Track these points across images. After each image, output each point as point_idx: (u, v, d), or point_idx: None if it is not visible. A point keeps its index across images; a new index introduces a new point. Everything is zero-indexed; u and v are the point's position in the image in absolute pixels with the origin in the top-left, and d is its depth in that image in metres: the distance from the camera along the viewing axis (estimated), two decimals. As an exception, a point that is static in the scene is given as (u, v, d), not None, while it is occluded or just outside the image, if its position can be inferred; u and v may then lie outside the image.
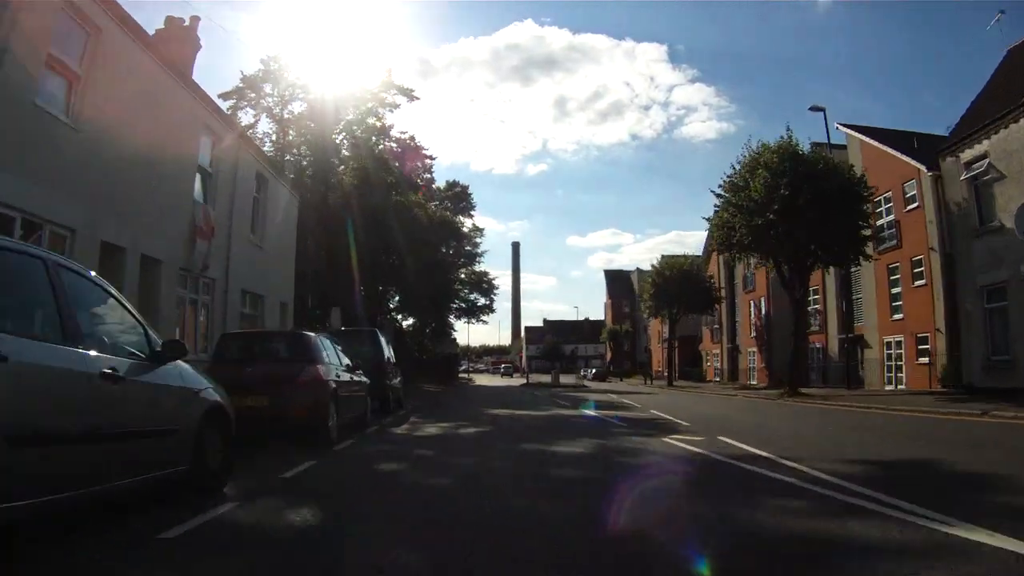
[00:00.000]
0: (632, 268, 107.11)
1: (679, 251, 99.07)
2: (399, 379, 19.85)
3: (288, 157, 36.84)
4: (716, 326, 55.98)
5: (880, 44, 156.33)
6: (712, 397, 31.08)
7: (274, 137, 36.97)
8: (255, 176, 21.50)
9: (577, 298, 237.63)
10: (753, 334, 47.34)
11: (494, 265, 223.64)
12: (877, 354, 34.27)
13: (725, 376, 53.27)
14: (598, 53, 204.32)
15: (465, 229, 62.95)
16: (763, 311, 46.01)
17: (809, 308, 41.88)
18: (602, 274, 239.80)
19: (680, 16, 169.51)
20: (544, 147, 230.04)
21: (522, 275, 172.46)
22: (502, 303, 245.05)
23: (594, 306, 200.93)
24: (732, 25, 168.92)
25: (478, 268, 64.51)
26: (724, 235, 28.72)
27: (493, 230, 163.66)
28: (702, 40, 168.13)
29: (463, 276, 64.99)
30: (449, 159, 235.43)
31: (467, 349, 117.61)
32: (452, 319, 65.18)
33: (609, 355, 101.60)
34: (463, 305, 64.40)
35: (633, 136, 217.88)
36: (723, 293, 50.17)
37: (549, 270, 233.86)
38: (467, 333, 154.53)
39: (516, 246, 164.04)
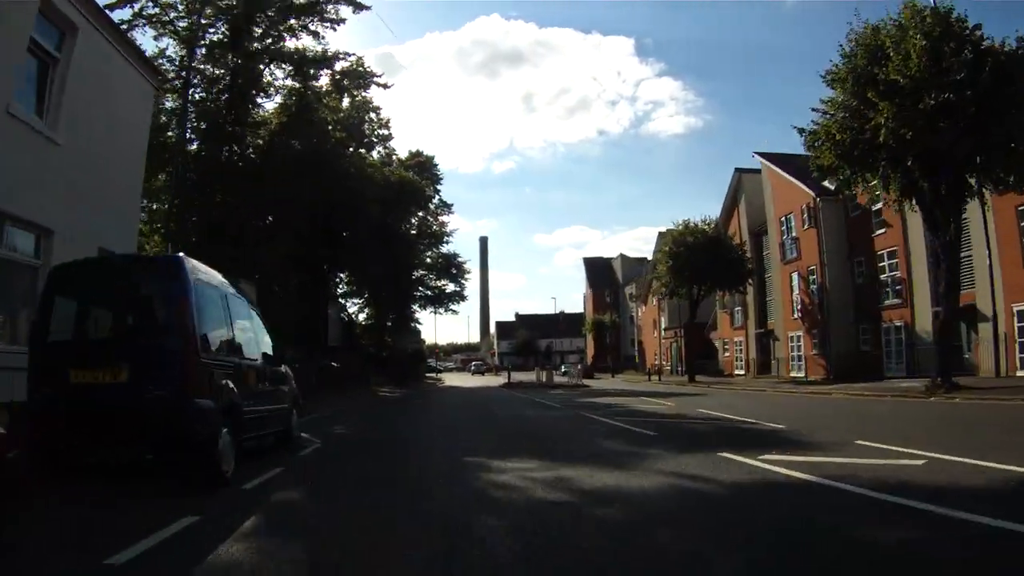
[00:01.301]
0: (614, 255, 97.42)
1: (647, 250, 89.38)
2: (287, 390, 9.92)
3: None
4: (738, 308, 46.22)
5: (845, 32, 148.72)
6: (800, 399, 21.09)
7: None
8: (38, 14, 10.95)
9: (546, 295, 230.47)
10: (796, 315, 37.56)
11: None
12: (1004, 328, 24.82)
13: (752, 368, 43.52)
14: (565, 47, 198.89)
15: (431, 206, 52.81)
16: (814, 284, 36.24)
17: (883, 277, 32.36)
18: (572, 270, 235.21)
19: (648, 9, 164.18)
20: (511, 144, 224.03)
21: (490, 273, 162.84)
22: (470, 300, 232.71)
23: (564, 302, 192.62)
24: (700, 18, 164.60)
25: (446, 250, 54.15)
26: (835, 145, 18.99)
27: (461, 230, 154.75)
28: (670, 33, 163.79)
29: (428, 259, 54.51)
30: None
31: (435, 347, 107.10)
32: (416, 308, 54.59)
33: (591, 350, 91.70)
34: (429, 293, 53.83)
35: (600, 132, 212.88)
36: (751, 265, 40.26)
37: (517, 268, 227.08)
38: (434, 328, 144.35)
39: (484, 241, 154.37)
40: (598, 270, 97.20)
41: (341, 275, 39.86)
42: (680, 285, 38.60)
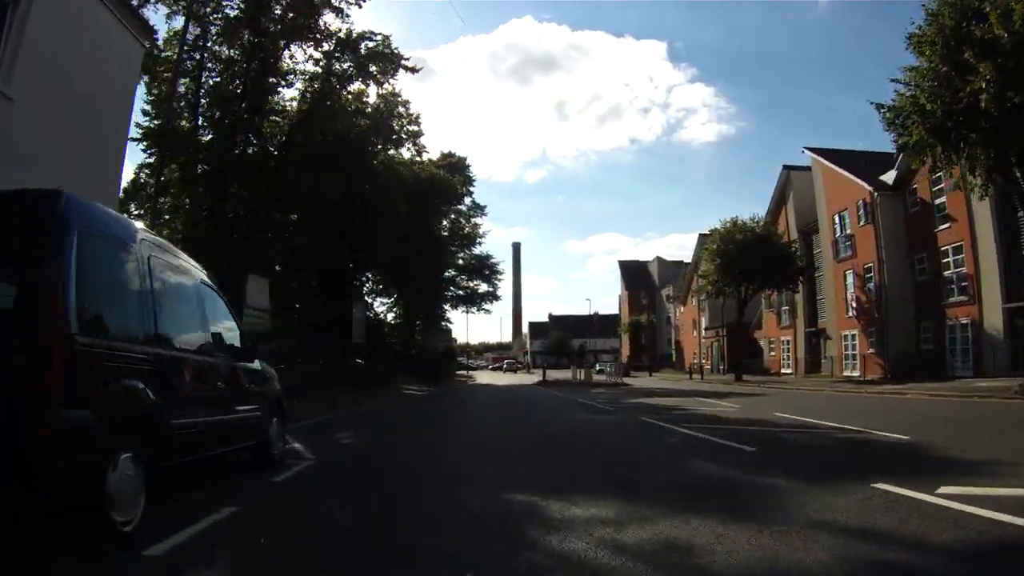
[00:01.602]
0: (650, 258, 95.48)
1: (680, 255, 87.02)
2: (260, 393, 7.69)
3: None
4: (786, 308, 44.24)
5: (881, 42, 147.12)
6: (875, 399, 19.22)
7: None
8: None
9: (577, 299, 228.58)
10: (851, 313, 35.55)
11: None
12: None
13: (800, 367, 41.50)
14: (597, 51, 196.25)
15: (463, 207, 51.58)
16: (871, 282, 34.25)
17: (947, 273, 30.34)
18: (604, 275, 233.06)
19: (680, 13, 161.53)
20: (543, 153, 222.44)
21: (523, 277, 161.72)
22: (503, 301, 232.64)
23: (597, 305, 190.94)
24: (732, 23, 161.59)
25: (478, 251, 52.87)
26: (924, 118, 17.34)
27: (493, 236, 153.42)
28: (702, 38, 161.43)
29: (461, 260, 53.30)
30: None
31: (466, 346, 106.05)
32: (447, 308, 53.45)
33: (626, 349, 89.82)
34: (460, 292, 52.60)
35: (632, 140, 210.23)
36: (802, 263, 38.32)
37: (550, 273, 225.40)
38: (466, 327, 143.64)
39: (517, 247, 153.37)
40: (634, 272, 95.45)
41: (368, 274, 38.70)
42: (728, 284, 36.82)
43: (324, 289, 33.96)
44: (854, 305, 35.15)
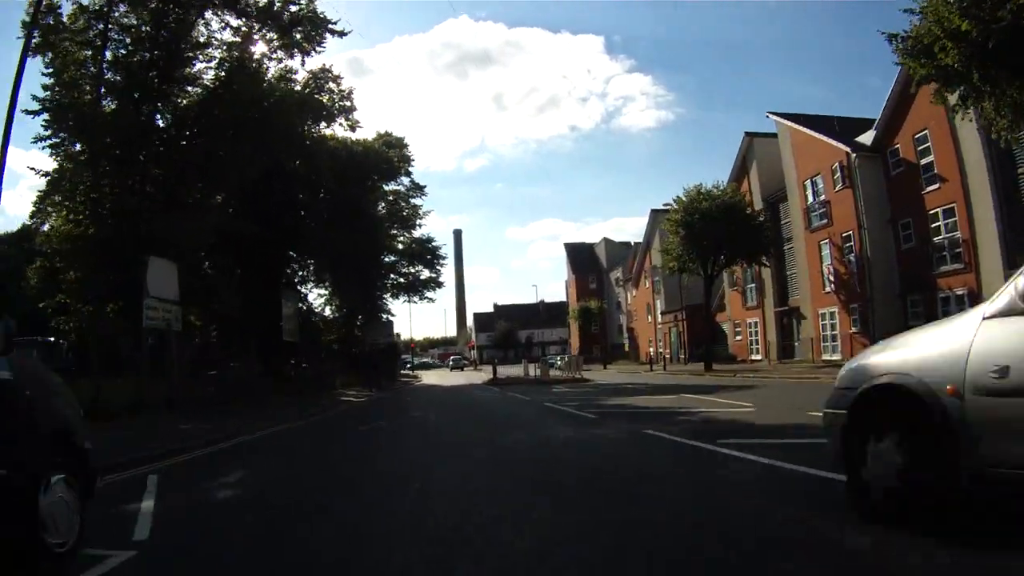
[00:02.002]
0: (596, 240, 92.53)
1: (624, 239, 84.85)
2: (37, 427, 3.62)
3: None
4: (751, 285, 41.27)
5: (819, 27, 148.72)
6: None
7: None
8: None
9: (521, 288, 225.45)
10: (829, 289, 32.65)
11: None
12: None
13: (772, 352, 38.58)
14: (534, 47, 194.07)
15: (402, 188, 47.23)
16: (851, 252, 31.36)
17: (937, 239, 27.64)
18: (547, 262, 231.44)
19: (617, 7, 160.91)
20: (483, 142, 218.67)
21: (465, 268, 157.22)
22: (447, 290, 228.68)
23: (542, 293, 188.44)
24: (668, 13, 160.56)
25: (419, 234, 48.51)
26: (956, 40, 13.97)
27: (434, 225, 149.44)
28: (639, 30, 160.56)
29: (401, 244, 48.85)
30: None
31: (410, 342, 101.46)
32: (388, 298, 48.88)
33: (576, 339, 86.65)
34: (401, 280, 48.16)
35: (571, 128, 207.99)
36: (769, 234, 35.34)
37: (492, 262, 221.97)
38: (410, 321, 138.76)
39: (458, 234, 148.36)
40: (580, 255, 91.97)
41: (299, 260, 34.09)
42: (692, 260, 33.49)
43: (250, 278, 29.40)
44: (832, 279, 32.24)
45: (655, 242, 55.91)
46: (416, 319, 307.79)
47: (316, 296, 43.33)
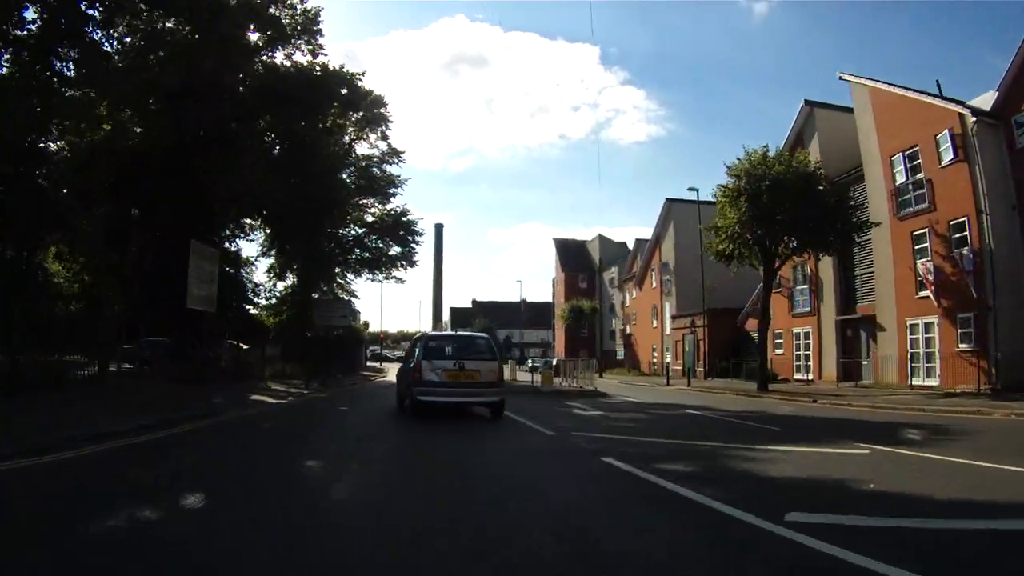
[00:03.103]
0: (590, 237, 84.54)
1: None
2: None
3: None
4: (801, 287, 33.39)
5: (813, 51, 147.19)
6: None
7: None
8: None
9: (501, 290, 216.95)
10: (926, 292, 24.80)
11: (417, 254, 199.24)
12: None
13: (825, 370, 30.80)
14: (529, 52, 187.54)
15: (376, 151, 39.37)
16: (964, 246, 23.53)
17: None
18: (530, 267, 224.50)
19: (614, 18, 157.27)
20: (471, 144, 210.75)
21: (444, 265, 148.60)
22: (423, 286, 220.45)
23: (525, 296, 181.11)
24: (666, 29, 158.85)
25: (394, 206, 40.45)
26: None
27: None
28: (635, 43, 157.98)
29: (371, 216, 40.56)
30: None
31: (381, 334, 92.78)
32: (351, 277, 40.55)
33: (561, 343, 78.58)
34: (367, 255, 39.84)
35: (561, 136, 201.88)
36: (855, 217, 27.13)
37: (472, 261, 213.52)
38: (380, 309, 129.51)
39: (440, 228, 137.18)
40: (571, 252, 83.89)
41: (228, 207, 25.55)
42: (749, 245, 25.48)
43: (159, 227, 21.13)
44: (930, 279, 24.36)
45: (669, 234, 48.00)
46: (391, 312, 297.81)
47: (262, 263, 34.89)
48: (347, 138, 37.98)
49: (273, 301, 37.98)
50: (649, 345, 51.36)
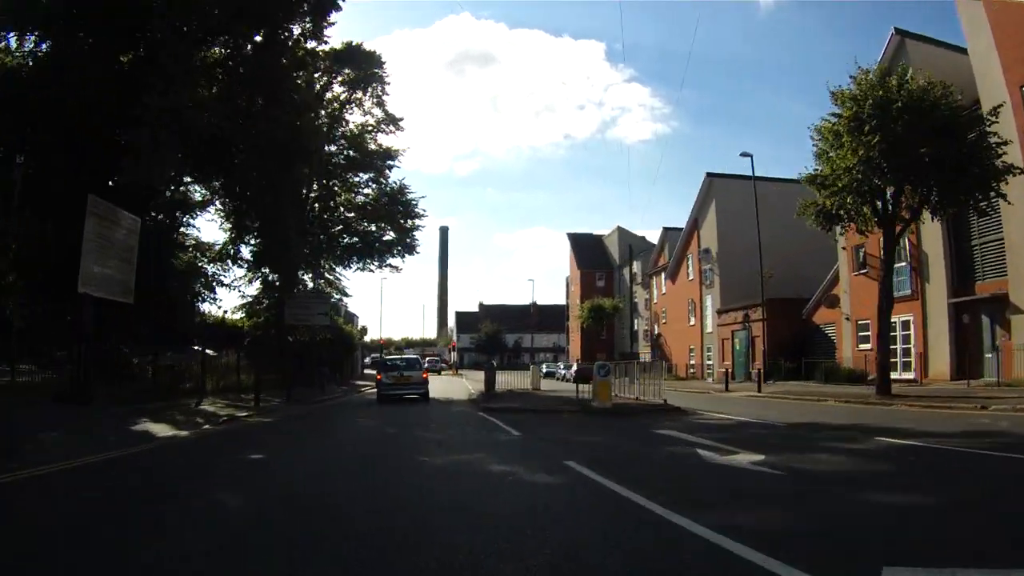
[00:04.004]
0: (609, 230, 78.10)
1: None
2: None
3: None
4: (899, 265, 26.71)
5: (821, 47, 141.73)
6: None
7: None
8: None
9: (507, 296, 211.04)
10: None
11: (422, 257, 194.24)
12: None
13: (931, 367, 24.25)
14: (535, 49, 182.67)
15: (370, 118, 33.59)
16: None
17: None
18: (537, 272, 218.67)
19: (620, 14, 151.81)
20: (476, 146, 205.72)
21: (449, 270, 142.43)
22: (428, 291, 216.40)
23: (527, 297, 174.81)
24: (672, 26, 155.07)
25: (391, 182, 34.18)
26: None
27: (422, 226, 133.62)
28: (641, 39, 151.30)
29: (363, 197, 34.26)
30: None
31: (385, 342, 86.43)
32: (338, 269, 34.11)
33: (576, 346, 72.01)
34: (355, 241, 33.45)
35: (566, 136, 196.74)
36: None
37: (477, 265, 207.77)
38: (380, 312, 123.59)
39: (445, 231, 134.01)
40: (586, 247, 77.18)
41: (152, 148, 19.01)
42: (864, 196, 18.81)
43: (57, 183, 14.95)
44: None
45: (709, 216, 41.41)
46: (392, 317, 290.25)
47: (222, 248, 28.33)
48: (329, 95, 31.80)
49: (248, 300, 31.55)
50: (685, 345, 44.64)
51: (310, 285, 31.85)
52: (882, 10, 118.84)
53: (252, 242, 25.26)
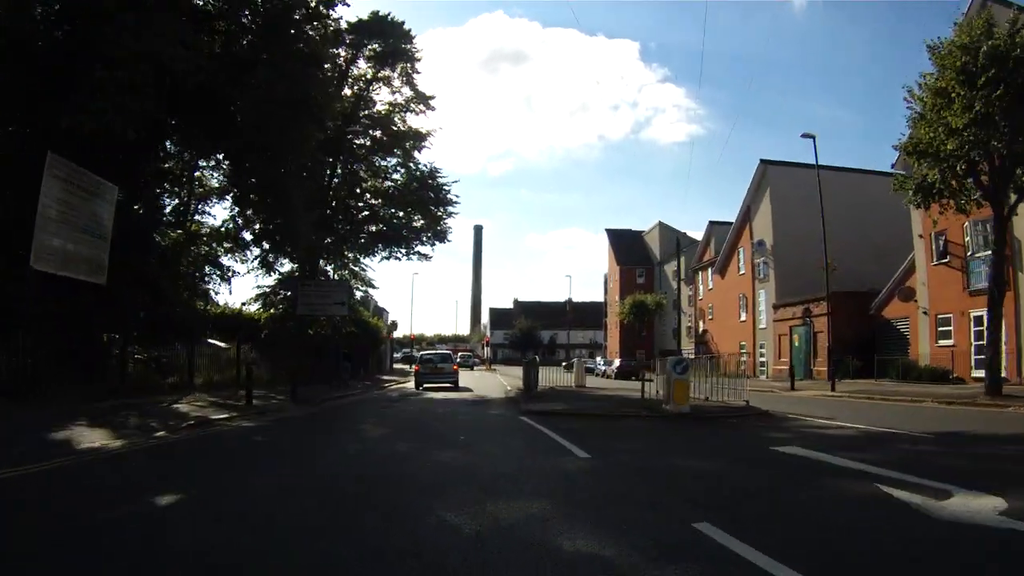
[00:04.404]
0: (649, 226, 75.10)
1: None
2: None
3: None
4: (983, 253, 23.57)
5: (857, 48, 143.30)
6: None
7: None
8: None
9: (541, 292, 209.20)
10: None
11: (455, 255, 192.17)
12: None
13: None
14: (569, 49, 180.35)
15: (399, 98, 31.38)
16: None
17: None
18: (575, 271, 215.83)
19: (654, 13, 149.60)
20: (510, 147, 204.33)
21: (483, 268, 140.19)
22: (463, 289, 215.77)
23: (561, 295, 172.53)
24: (706, 25, 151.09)
25: (420, 164, 31.74)
26: None
27: (455, 227, 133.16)
28: (675, 38, 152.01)
29: (391, 183, 31.91)
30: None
31: (417, 339, 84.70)
32: (362, 258, 31.85)
33: (615, 343, 69.15)
34: (382, 228, 31.14)
35: (600, 137, 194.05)
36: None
37: (509, 267, 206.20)
38: (411, 310, 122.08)
39: (479, 230, 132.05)
40: (625, 243, 74.12)
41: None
42: (973, 167, 15.91)
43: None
44: None
45: (763, 206, 38.37)
46: (424, 313, 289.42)
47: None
48: (356, 72, 29.62)
49: (265, 290, 29.49)
50: (735, 342, 41.55)
51: (334, 277, 29.73)
52: (908, 7, 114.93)
53: (257, 221, 22.90)
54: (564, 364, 37.55)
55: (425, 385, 25.95)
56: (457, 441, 9.62)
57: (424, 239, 30.60)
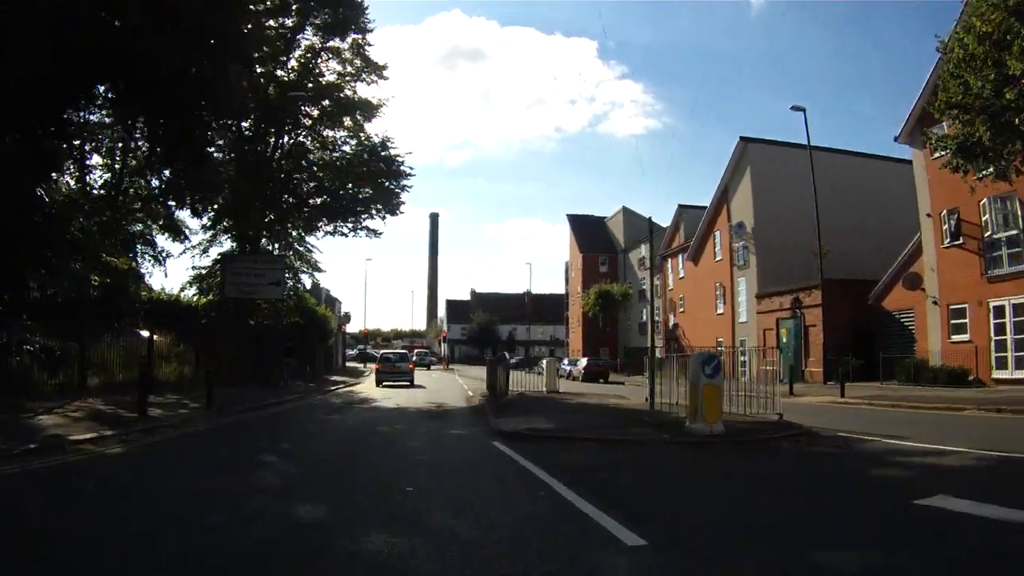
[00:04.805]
0: (613, 212, 72.60)
1: None
2: None
3: None
4: (1009, 233, 21.24)
5: (811, 46, 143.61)
6: None
7: None
8: None
9: (497, 286, 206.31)
10: None
11: (411, 246, 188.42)
12: None
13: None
14: (527, 47, 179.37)
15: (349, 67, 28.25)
16: None
17: None
18: (528, 259, 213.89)
19: (611, 13, 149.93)
20: (467, 137, 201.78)
21: (439, 258, 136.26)
22: (418, 281, 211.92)
23: (519, 287, 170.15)
24: (663, 23, 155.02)
25: (370, 134, 28.41)
26: None
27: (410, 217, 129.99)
28: (632, 37, 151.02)
29: (338, 155, 28.44)
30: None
31: (371, 335, 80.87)
32: (305, 235, 28.28)
33: (578, 339, 66.48)
34: (326, 200, 27.82)
35: (557, 128, 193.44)
36: None
37: (467, 257, 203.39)
38: (364, 297, 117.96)
39: (435, 218, 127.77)
40: (588, 231, 71.35)
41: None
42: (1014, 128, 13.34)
43: None
44: None
45: (743, 185, 35.88)
46: (380, 307, 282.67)
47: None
48: (305, 43, 26.48)
49: (201, 271, 25.69)
50: (711, 337, 38.93)
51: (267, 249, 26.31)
52: (869, 7, 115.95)
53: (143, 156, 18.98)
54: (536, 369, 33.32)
55: (385, 383, 28.49)
56: (398, 501, 5.65)
57: (374, 211, 27.34)
